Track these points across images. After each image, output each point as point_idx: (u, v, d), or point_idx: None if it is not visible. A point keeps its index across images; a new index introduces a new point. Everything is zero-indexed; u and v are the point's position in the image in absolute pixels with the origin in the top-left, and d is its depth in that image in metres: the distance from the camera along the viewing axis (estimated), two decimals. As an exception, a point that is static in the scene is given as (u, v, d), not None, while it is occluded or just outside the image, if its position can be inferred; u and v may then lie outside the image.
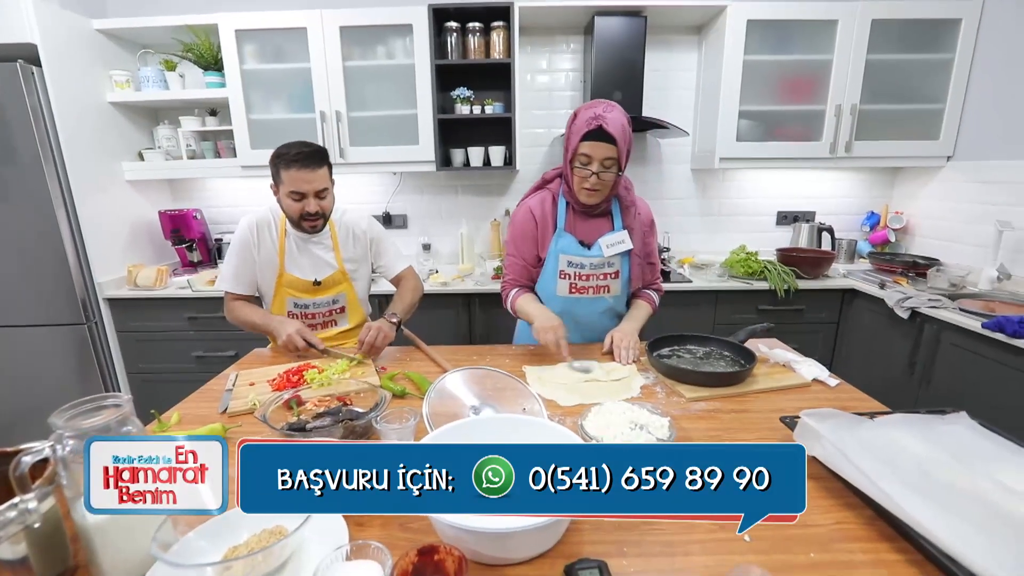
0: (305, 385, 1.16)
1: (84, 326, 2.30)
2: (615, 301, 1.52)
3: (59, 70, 2.14)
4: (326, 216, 1.50)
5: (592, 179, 1.30)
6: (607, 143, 1.26)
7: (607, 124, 1.25)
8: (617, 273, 1.47)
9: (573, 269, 1.44)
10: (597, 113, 1.26)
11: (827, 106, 2.38)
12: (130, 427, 0.64)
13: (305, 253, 1.56)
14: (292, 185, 1.40)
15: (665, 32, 2.61)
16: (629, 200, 1.45)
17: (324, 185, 1.44)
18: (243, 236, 1.52)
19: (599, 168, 1.29)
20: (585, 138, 1.26)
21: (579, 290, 1.47)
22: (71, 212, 2.22)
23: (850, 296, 2.34)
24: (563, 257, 1.44)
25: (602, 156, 1.28)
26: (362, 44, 2.37)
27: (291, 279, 1.54)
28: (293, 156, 1.37)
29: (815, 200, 2.83)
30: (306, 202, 1.42)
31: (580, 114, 1.30)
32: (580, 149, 1.28)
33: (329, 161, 1.47)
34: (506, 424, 0.86)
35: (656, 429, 0.94)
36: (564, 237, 1.43)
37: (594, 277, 1.45)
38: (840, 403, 1.12)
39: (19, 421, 2.44)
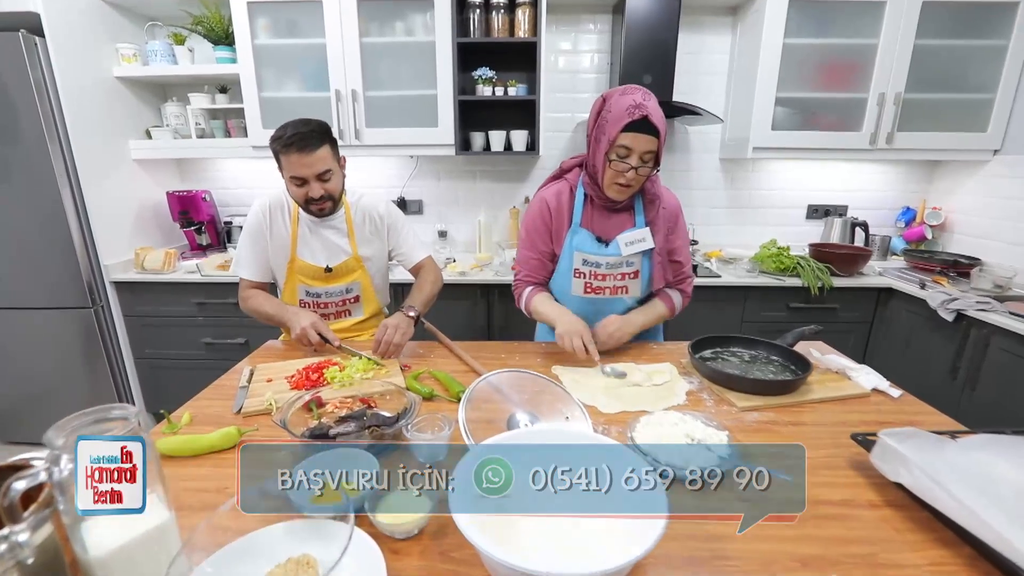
0: (325, 384, 1.08)
1: (90, 310, 2.23)
2: (634, 303, 1.41)
3: (63, 41, 2.04)
4: (334, 198, 1.39)
5: (629, 174, 1.19)
6: (650, 135, 1.15)
7: (651, 114, 1.14)
8: (637, 273, 1.36)
9: (588, 268, 1.34)
10: (638, 101, 1.14)
11: (869, 94, 2.25)
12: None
13: (318, 237, 1.47)
14: (291, 170, 1.30)
15: (697, 12, 2.47)
16: (654, 192, 1.32)
17: (326, 167, 1.32)
18: (255, 220, 1.44)
19: (638, 162, 1.18)
20: (627, 129, 1.14)
21: (595, 290, 1.36)
22: (76, 192, 2.13)
23: (886, 295, 2.24)
24: (578, 255, 1.33)
25: (643, 149, 1.16)
26: (380, 19, 2.25)
27: (303, 265, 1.46)
28: (288, 139, 1.26)
29: (848, 193, 2.71)
30: (308, 187, 1.32)
31: (614, 100, 1.17)
32: (620, 140, 1.16)
33: (332, 138, 1.35)
34: (562, 439, 0.77)
35: (715, 444, 0.85)
36: (580, 233, 1.33)
37: (611, 277, 1.35)
38: (907, 418, 1.03)
39: (25, 407, 2.39)
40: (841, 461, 0.87)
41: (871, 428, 0.97)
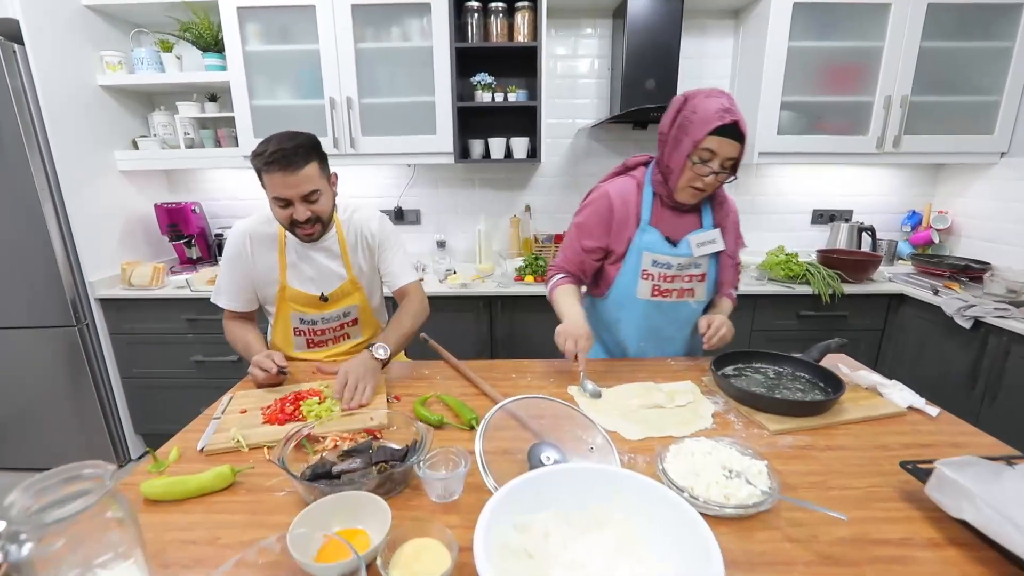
0: (301, 418, 0.99)
1: (75, 328, 2.13)
2: (698, 307, 1.37)
3: (44, 49, 1.95)
4: (323, 221, 1.25)
5: (709, 178, 1.16)
6: (736, 142, 1.12)
7: (741, 121, 1.11)
8: (704, 276, 1.32)
9: (658, 269, 1.29)
10: (727, 106, 1.10)
11: (875, 97, 2.22)
12: (114, 511, 0.48)
13: (309, 262, 1.34)
14: (274, 190, 1.16)
15: (700, 16, 2.43)
16: (723, 195, 1.32)
17: (313, 187, 1.17)
18: (236, 248, 1.32)
19: (719, 167, 1.15)
20: (715, 132, 1.10)
21: (662, 292, 1.31)
22: (59, 205, 2.04)
23: (897, 302, 2.19)
24: (647, 255, 1.28)
25: (727, 155, 1.13)
26: (375, 24, 2.18)
27: (294, 293, 1.34)
28: (270, 156, 1.11)
29: (852, 198, 2.67)
30: (293, 209, 1.18)
31: (700, 102, 1.13)
32: (705, 143, 1.12)
33: (321, 153, 1.21)
34: (592, 479, 0.70)
35: (755, 477, 0.78)
36: (649, 232, 1.27)
37: (679, 279, 1.30)
38: (949, 439, 0.97)
39: (7, 430, 2.28)
40: (890, 491, 0.80)
41: (913, 451, 0.92)
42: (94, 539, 0.47)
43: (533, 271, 2.29)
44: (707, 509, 0.74)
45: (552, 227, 2.71)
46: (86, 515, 0.46)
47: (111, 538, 0.48)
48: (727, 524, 0.73)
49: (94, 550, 0.47)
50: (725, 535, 0.72)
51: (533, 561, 0.63)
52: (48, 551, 0.45)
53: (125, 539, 0.49)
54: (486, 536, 0.58)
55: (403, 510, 0.78)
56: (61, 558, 0.44)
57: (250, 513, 0.78)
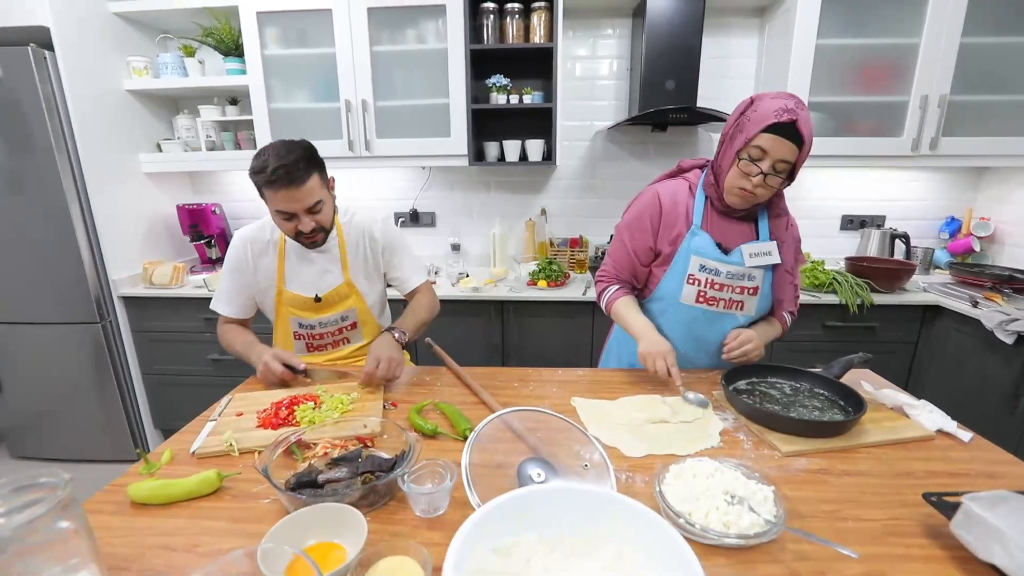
0: (295, 423, 0.98)
1: (98, 325, 2.20)
2: (746, 320, 1.28)
3: (73, 55, 2.02)
4: (326, 229, 1.28)
5: (756, 179, 1.08)
6: (792, 143, 1.04)
7: (801, 122, 1.04)
8: (756, 289, 1.24)
9: (705, 275, 1.22)
10: (790, 106, 1.04)
11: (911, 97, 2.10)
12: (67, 523, 0.46)
13: (307, 265, 1.35)
14: (278, 205, 1.17)
15: (723, 14, 2.35)
16: (782, 208, 1.24)
17: (316, 199, 1.19)
18: (236, 256, 1.33)
19: (769, 169, 1.07)
20: (769, 129, 1.04)
21: (708, 300, 1.24)
22: (85, 205, 2.11)
23: (932, 313, 2.06)
24: (696, 259, 1.21)
25: (779, 156, 1.06)
26: (391, 27, 2.19)
27: (291, 296, 1.35)
28: (272, 173, 1.11)
29: (886, 203, 2.54)
30: (298, 221, 1.20)
31: (764, 102, 1.07)
32: (757, 140, 1.06)
33: (319, 162, 1.22)
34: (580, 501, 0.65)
35: (759, 505, 0.72)
36: (700, 236, 1.21)
37: (728, 288, 1.23)
38: (983, 467, 0.88)
39: (34, 422, 2.36)
40: (912, 526, 0.73)
41: (941, 481, 0.85)
42: (45, 550, 0.45)
43: (546, 276, 2.25)
44: (704, 538, 0.69)
45: (568, 231, 2.67)
46: (37, 524, 0.45)
47: (64, 550, 0.47)
48: (726, 555, 0.68)
49: (44, 562, 0.45)
50: (723, 567, 0.67)
51: (511, 587, 0.59)
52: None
53: (79, 551, 0.48)
54: (457, 560, 0.55)
55: (386, 524, 0.76)
56: (7, 569, 0.43)
57: (232, 521, 0.76)
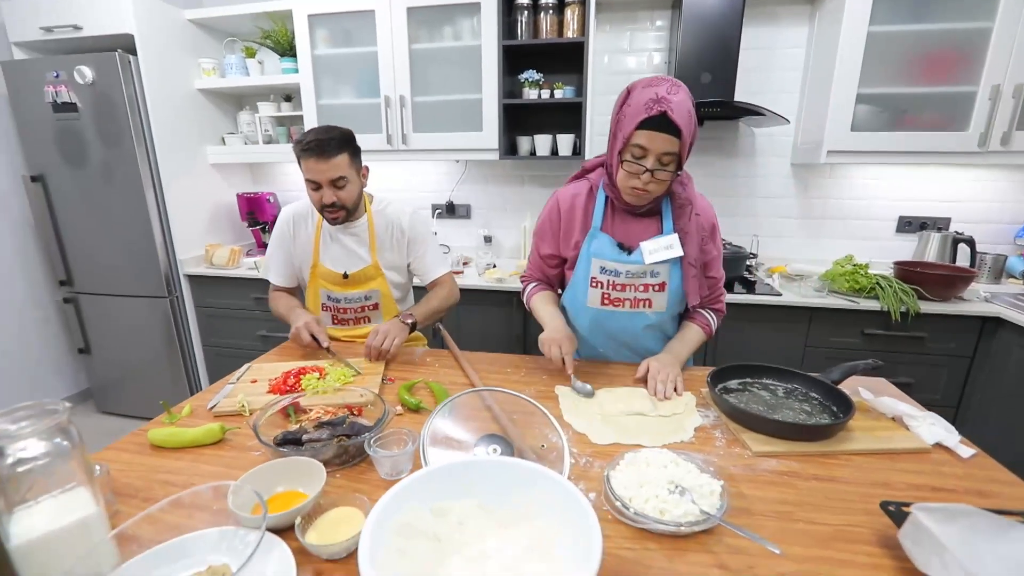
0: (300, 392, 1.08)
1: (167, 299, 2.47)
2: (659, 318, 1.26)
3: (153, 59, 2.28)
4: (347, 207, 1.39)
5: (644, 176, 1.06)
6: (669, 135, 1.01)
7: (672, 110, 0.99)
8: (663, 285, 1.21)
9: (607, 277, 1.21)
10: (659, 95, 1.00)
11: (979, 87, 1.91)
12: (61, 438, 0.57)
13: (338, 244, 1.49)
14: (308, 173, 1.33)
15: (768, 3, 2.24)
16: (685, 197, 1.18)
17: (340, 173, 1.33)
18: (280, 228, 1.52)
19: (655, 164, 1.05)
20: (642, 126, 1.01)
21: (613, 302, 1.24)
22: (158, 193, 2.38)
23: (992, 326, 1.87)
24: (596, 262, 1.21)
25: (661, 150, 1.03)
26: (429, 25, 2.28)
27: (324, 270, 1.50)
28: (306, 144, 1.29)
29: (950, 204, 2.32)
30: (322, 192, 1.34)
31: (635, 93, 1.04)
32: (633, 139, 1.04)
33: (354, 147, 1.37)
34: (512, 474, 0.70)
35: (702, 498, 0.73)
36: (599, 238, 1.20)
37: (632, 288, 1.22)
38: (976, 485, 0.83)
39: (117, 383, 2.70)
40: (866, 534, 0.71)
41: (922, 494, 0.81)
42: (47, 468, 0.56)
43: (570, 270, 2.26)
44: (636, 522, 0.71)
45: (599, 226, 2.65)
46: (43, 434, 0.56)
47: (63, 471, 0.58)
48: (658, 541, 0.70)
49: (46, 480, 0.56)
50: (653, 551, 0.68)
51: (438, 544, 0.64)
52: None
53: (76, 474, 0.59)
54: (383, 510, 0.61)
55: (353, 482, 0.84)
56: (15, 481, 0.54)
57: (226, 467, 0.87)
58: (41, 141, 2.34)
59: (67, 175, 2.36)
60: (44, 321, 2.67)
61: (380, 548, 0.57)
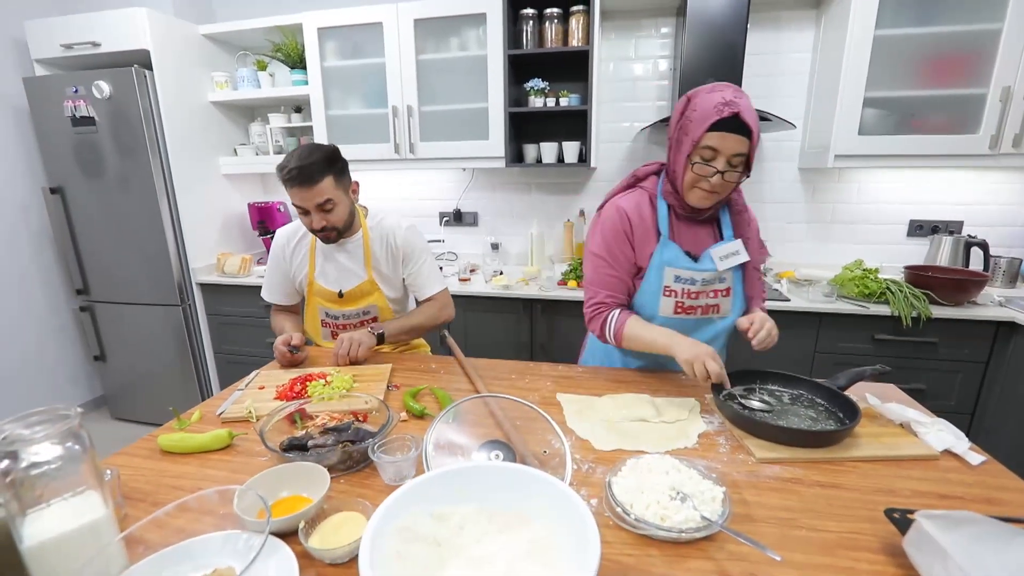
0: (307, 398, 1.09)
1: (179, 308, 2.52)
2: (725, 323, 1.27)
3: (168, 73, 2.34)
4: (338, 228, 1.39)
5: (715, 179, 1.07)
6: (741, 136, 1.03)
7: (743, 112, 1.02)
8: (729, 290, 1.23)
9: (681, 285, 1.21)
10: (727, 98, 1.02)
11: (990, 89, 1.89)
12: (73, 443, 0.59)
13: (332, 262, 1.49)
14: (293, 200, 1.33)
15: (774, 8, 2.25)
16: (742, 204, 1.23)
17: (326, 197, 1.31)
18: (276, 248, 1.53)
19: (725, 166, 1.06)
20: (714, 127, 1.03)
21: (686, 310, 1.23)
22: (172, 203, 2.43)
23: (1007, 330, 1.84)
24: (669, 271, 1.20)
25: (732, 151, 1.04)
26: (436, 36, 2.32)
27: (319, 288, 1.50)
28: (288, 172, 1.27)
29: (963, 208, 2.29)
30: (311, 217, 1.34)
31: (701, 99, 1.06)
32: (705, 141, 1.05)
33: (338, 167, 1.34)
34: (512, 479, 0.70)
35: (703, 504, 0.73)
36: (669, 247, 1.20)
37: (704, 295, 1.22)
38: (984, 492, 0.81)
39: (129, 390, 2.75)
40: (870, 541, 0.70)
41: (928, 502, 0.80)
42: (58, 472, 0.58)
43: (576, 276, 2.27)
44: (637, 528, 0.71)
45: (606, 232, 2.66)
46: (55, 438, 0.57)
47: (74, 474, 0.59)
48: (659, 547, 0.70)
49: (57, 483, 0.58)
50: (654, 557, 0.68)
51: (438, 548, 0.65)
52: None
53: (87, 477, 0.60)
54: (385, 515, 0.62)
55: (357, 487, 0.84)
56: (28, 484, 0.56)
57: (233, 472, 0.89)
58: (60, 154, 2.41)
59: (85, 187, 2.43)
60: (61, 329, 2.74)
61: (381, 552, 0.58)
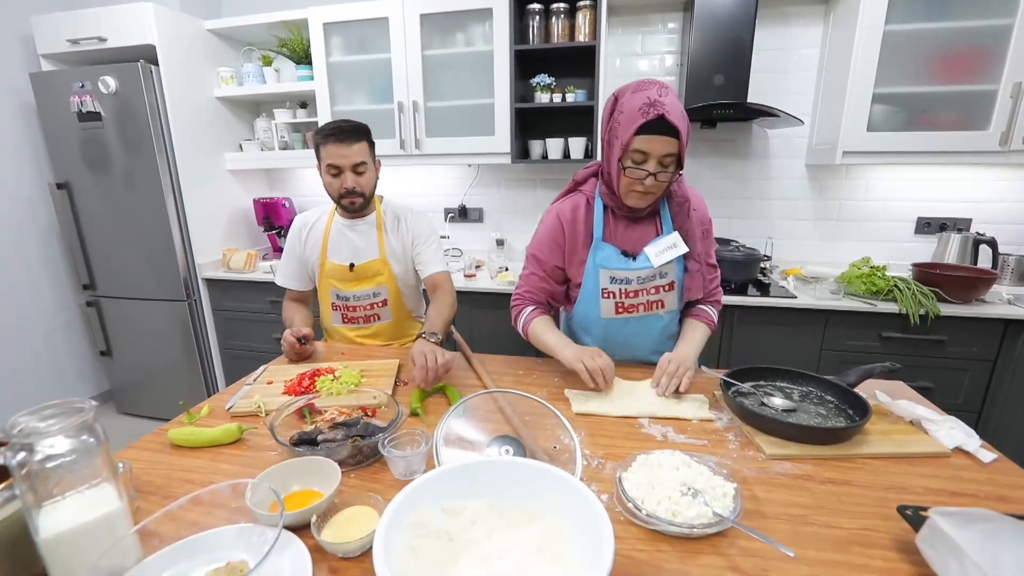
0: (315, 393, 1.09)
1: (185, 303, 2.53)
2: (672, 317, 1.27)
3: (174, 68, 2.34)
4: (365, 195, 1.46)
5: (648, 181, 1.07)
6: (669, 136, 1.02)
7: (668, 112, 1.00)
8: (672, 284, 1.23)
9: (617, 286, 1.22)
10: (652, 98, 1.01)
11: (1000, 86, 1.87)
12: (88, 436, 0.59)
13: (346, 239, 1.54)
14: (329, 159, 1.39)
15: (782, 3, 2.23)
16: (681, 194, 1.19)
17: (361, 159, 1.41)
18: (292, 236, 1.58)
19: (656, 167, 1.06)
20: (641, 131, 1.03)
21: (627, 309, 1.24)
22: (178, 199, 2.43)
23: (1016, 328, 1.83)
24: (604, 272, 1.21)
25: (661, 153, 1.04)
26: (442, 31, 2.31)
27: (331, 267, 1.54)
28: (329, 130, 1.37)
29: (972, 205, 2.27)
30: (343, 177, 1.41)
31: (627, 99, 1.05)
32: (633, 144, 1.05)
33: (370, 139, 1.46)
34: (523, 474, 0.70)
35: (715, 500, 0.73)
36: (603, 248, 1.21)
37: (644, 292, 1.22)
38: (996, 490, 0.81)
39: (135, 385, 2.76)
40: (883, 538, 0.70)
41: (940, 499, 0.79)
42: (73, 464, 0.58)
43: (582, 272, 2.26)
44: (649, 523, 0.71)
45: (611, 229, 2.65)
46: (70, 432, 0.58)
47: (89, 467, 0.60)
48: (671, 543, 0.70)
49: (72, 476, 0.58)
50: (666, 553, 0.68)
51: (450, 543, 0.65)
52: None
53: (102, 470, 0.61)
54: (397, 509, 0.62)
55: (367, 481, 0.85)
56: (43, 476, 0.56)
57: (243, 465, 0.89)
58: (67, 149, 2.41)
59: (91, 182, 2.43)
60: (67, 324, 2.75)
61: (394, 546, 0.58)
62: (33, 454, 0.56)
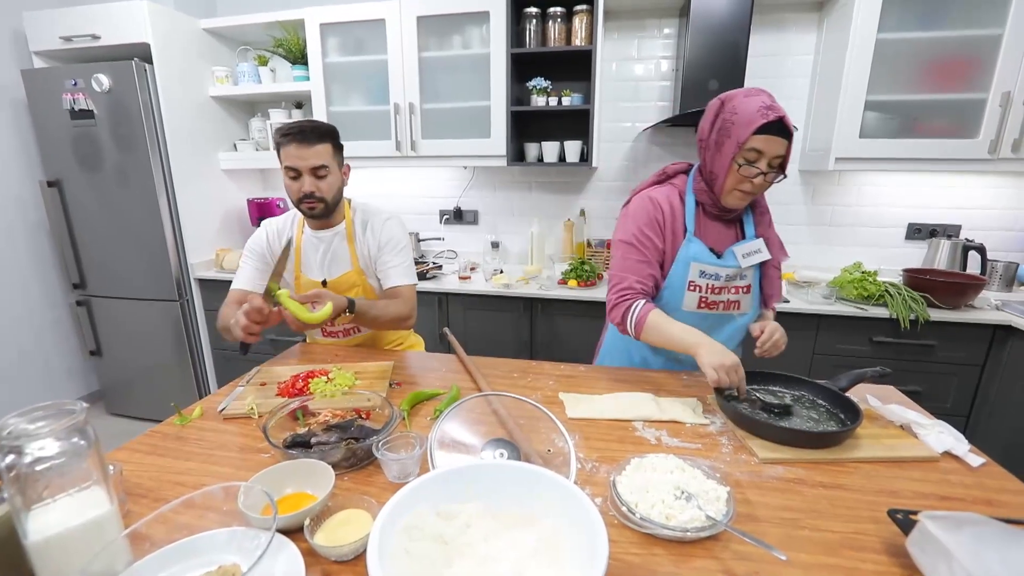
0: (308, 395, 1.09)
1: (177, 303, 2.51)
2: (743, 321, 1.30)
3: (168, 67, 2.32)
4: (327, 200, 1.34)
5: (758, 180, 1.11)
6: (783, 139, 1.07)
7: (786, 117, 1.06)
8: (749, 287, 1.26)
9: (705, 280, 1.23)
10: (768, 103, 1.06)
11: (989, 94, 1.90)
12: (79, 438, 0.58)
13: (317, 251, 1.44)
14: (287, 160, 1.29)
15: (777, 10, 2.25)
16: (764, 206, 1.28)
17: (322, 162, 1.29)
18: (257, 241, 1.44)
19: (767, 167, 1.10)
20: (760, 131, 1.06)
21: (709, 305, 1.26)
22: (171, 198, 2.42)
23: (1003, 334, 1.85)
24: (695, 266, 1.22)
25: (774, 153, 1.08)
26: (438, 34, 2.31)
27: (307, 282, 1.45)
28: (288, 129, 1.27)
29: (961, 212, 2.30)
30: (301, 181, 1.29)
31: (739, 102, 1.09)
32: (750, 143, 1.07)
33: (336, 142, 1.35)
34: (517, 477, 0.70)
35: (708, 503, 0.73)
36: (694, 242, 1.23)
37: (726, 291, 1.25)
38: (984, 494, 0.82)
39: (125, 386, 2.73)
40: (873, 541, 0.71)
41: (930, 503, 0.80)
42: (64, 467, 0.57)
43: (577, 276, 2.27)
44: (643, 527, 0.71)
45: (606, 232, 2.67)
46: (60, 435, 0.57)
47: (79, 470, 0.59)
48: (664, 546, 0.70)
49: (63, 479, 0.57)
50: (659, 556, 0.68)
51: (445, 547, 0.65)
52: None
53: (93, 473, 0.60)
54: (391, 512, 0.62)
55: (361, 484, 0.84)
56: (34, 480, 0.56)
57: (235, 468, 0.89)
58: (58, 147, 2.39)
59: (83, 180, 2.41)
60: (57, 323, 2.72)
61: (388, 550, 0.58)
62: (22, 457, 0.56)
